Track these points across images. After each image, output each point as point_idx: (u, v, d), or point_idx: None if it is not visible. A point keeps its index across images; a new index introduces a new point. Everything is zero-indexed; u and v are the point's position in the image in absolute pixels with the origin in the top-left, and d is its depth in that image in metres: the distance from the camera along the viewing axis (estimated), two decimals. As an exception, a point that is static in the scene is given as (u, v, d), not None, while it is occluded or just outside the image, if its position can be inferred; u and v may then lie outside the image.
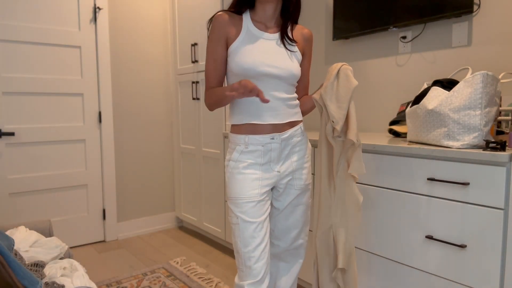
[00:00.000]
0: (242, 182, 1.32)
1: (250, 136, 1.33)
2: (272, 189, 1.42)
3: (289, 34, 1.38)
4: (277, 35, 1.35)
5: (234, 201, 1.33)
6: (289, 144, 1.36)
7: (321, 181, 1.39)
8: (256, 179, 1.33)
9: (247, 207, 1.31)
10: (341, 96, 1.30)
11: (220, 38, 1.33)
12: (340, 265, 1.36)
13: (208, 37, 1.35)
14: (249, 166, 1.33)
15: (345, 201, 1.36)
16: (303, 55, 1.44)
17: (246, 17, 1.35)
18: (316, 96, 1.37)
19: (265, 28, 1.36)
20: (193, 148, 3.01)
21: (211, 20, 1.36)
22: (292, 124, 1.38)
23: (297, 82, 1.44)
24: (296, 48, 1.38)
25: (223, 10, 1.35)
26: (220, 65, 1.35)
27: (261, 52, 1.30)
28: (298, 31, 1.42)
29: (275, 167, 1.36)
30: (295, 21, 1.42)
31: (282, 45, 1.35)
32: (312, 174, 1.87)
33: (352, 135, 1.29)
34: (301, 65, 1.45)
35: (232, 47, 1.32)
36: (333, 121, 1.30)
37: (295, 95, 1.40)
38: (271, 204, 1.45)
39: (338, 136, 1.32)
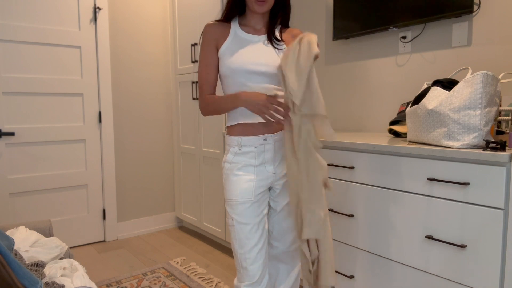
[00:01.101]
0: (236, 183, 1.33)
1: (243, 137, 1.33)
2: (269, 189, 1.42)
3: (276, 34, 1.40)
4: (264, 36, 1.38)
5: (229, 203, 1.34)
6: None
7: (286, 157, 1.28)
8: (250, 181, 1.33)
9: (241, 208, 1.31)
10: (301, 65, 1.18)
11: (209, 45, 1.36)
12: (304, 236, 1.26)
13: (200, 47, 1.38)
14: (243, 167, 1.34)
15: (309, 173, 1.25)
16: None
17: (235, 23, 1.38)
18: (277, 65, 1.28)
19: (253, 31, 1.38)
20: (193, 148, 3.01)
21: (202, 33, 1.40)
22: None
23: None
24: (284, 46, 1.38)
25: (212, 21, 1.39)
26: (211, 70, 1.36)
27: (248, 52, 1.32)
28: (289, 33, 1.44)
29: (270, 168, 1.36)
30: (285, 25, 1.44)
31: (269, 45, 1.36)
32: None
33: (321, 109, 1.19)
34: None
35: (220, 51, 1.35)
36: (290, 93, 1.18)
37: None
38: (269, 204, 1.44)
39: (298, 110, 1.18)
